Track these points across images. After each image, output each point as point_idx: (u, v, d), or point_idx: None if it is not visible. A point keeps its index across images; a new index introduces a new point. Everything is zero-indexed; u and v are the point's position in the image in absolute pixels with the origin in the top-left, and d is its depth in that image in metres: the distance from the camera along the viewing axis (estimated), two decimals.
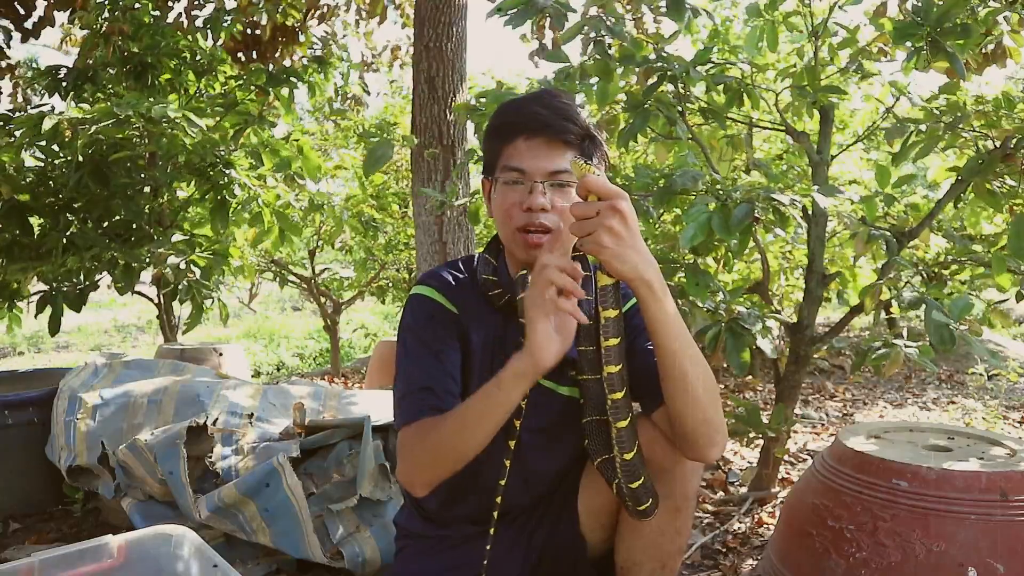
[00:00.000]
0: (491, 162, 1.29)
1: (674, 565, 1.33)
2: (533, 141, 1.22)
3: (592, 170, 1.05)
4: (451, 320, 1.30)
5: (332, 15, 5.80)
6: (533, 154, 1.22)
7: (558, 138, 1.22)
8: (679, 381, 1.12)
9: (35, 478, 2.46)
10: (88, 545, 1.24)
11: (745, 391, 4.55)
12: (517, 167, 1.23)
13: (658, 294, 1.06)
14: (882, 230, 2.07)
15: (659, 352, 1.12)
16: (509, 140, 1.24)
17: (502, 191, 1.25)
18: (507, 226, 1.25)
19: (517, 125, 1.24)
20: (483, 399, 1.14)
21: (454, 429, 1.16)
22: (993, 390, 4.45)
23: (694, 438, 1.17)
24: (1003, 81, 5.30)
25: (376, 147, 2.14)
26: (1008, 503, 1.42)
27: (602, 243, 1.02)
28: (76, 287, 3.29)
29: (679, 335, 1.10)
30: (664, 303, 1.07)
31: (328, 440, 2.06)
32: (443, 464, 1.19)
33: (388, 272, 5.96)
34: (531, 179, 1.22)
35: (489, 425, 1.14)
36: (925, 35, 1.87)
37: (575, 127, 1.23)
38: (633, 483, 1.16)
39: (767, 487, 2.44)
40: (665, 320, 1.08)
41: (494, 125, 1.29)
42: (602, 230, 1.01)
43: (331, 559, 1.86)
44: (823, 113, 2.26)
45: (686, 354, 1.11)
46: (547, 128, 1.22)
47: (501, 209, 1.25)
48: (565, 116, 1.23)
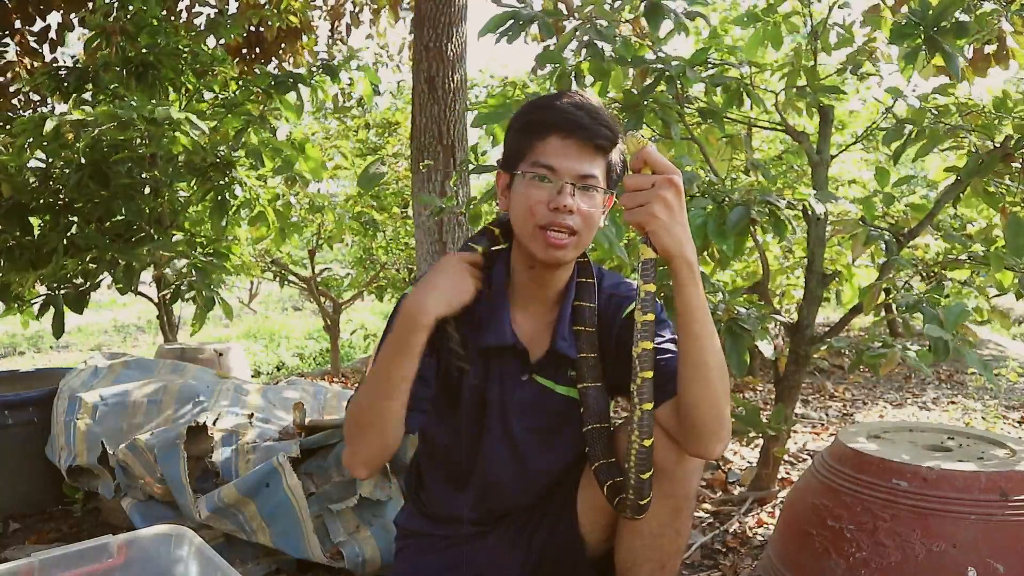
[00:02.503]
0: (515, 155, 1.27)
1: (674, 565, 1.34)
2: (567, 141, 1.21)
3: (648, 143, 1.06)
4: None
5: (339, 15, 5.80)
6: (566, 154, 1.21)
7: (592, 142, 1.21)
8: (700, 369, 1.12)
9: (35, 478, 2.46)
10: (88, 545, 1.24)
11: (745, 391, 4.55)
12: (548, 164, 1.21)
13: (696, 276, 1.08)
14: (881, 230, 2.07)
15: (684, 337, 1.12)
16: (542, 136, 1.22)
17: (528, 186, 1.23)
18: (528, 222, 1.23)
19: (553, 123, 1.22)
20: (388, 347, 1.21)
21: (365, 390, 1.23)
22: (993, 390, 4.45)
23: (702, 431, 1.17)
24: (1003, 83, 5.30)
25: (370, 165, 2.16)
26: (1008, 503, 1.42)
27: (655, 214, 1.04)
28: (77, 288, 3.29)
29: (706, 321, 1.12)
30: (699, 286, 1.09)
31: (328, 440, 2.06)
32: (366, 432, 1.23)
33: (388, 272, 5.96)
34: (561, 178, 1.21)
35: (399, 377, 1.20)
36: (923, 34, 1.87)
37: (609, 133, 1.23)
38: (644, 473, 1.15)
39: (767, 487, 2.44)
40: (697, 304, 1.10)
41: (526, 118, 1.27)
42: (657, 201, 1.04)
43: (331, 559, 1.86)
44: (823, 113, 2.26)
45: (710, 342, 1.12)
46: (583, 130, 1.21)
47: (524, 205, 1.23)
48: (600, 121, 1.22)
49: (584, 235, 1.24)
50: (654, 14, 2.04)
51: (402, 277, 5.96)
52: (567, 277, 1.35)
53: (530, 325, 1.35)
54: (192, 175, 3.39)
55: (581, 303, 1.34)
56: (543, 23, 2.08)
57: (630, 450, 1.14)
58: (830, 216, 2.16)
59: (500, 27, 2.07)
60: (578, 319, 1.33)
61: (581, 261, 1.37)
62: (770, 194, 1.83)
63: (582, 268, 1.37)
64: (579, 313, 1.33)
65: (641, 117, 2.10)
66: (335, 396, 2.48)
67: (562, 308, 1.34)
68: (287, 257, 6.18)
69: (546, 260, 1.25)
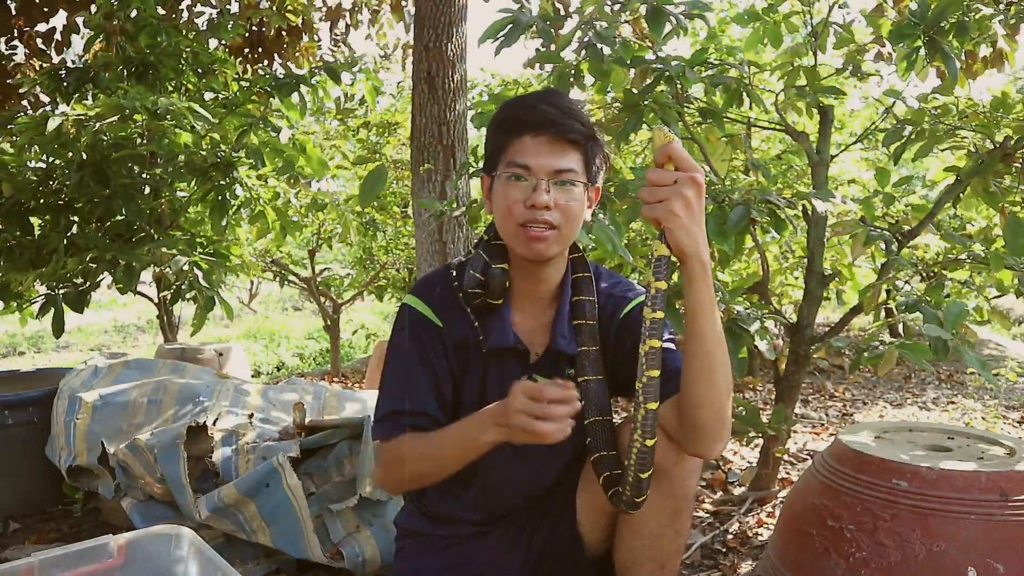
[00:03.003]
0: (493, 157, 1.29)
1: (673, 565, 1.34)
2: (539, 139, 1.22)
3: (674, 139, 1.06)
4: (435, 333, 1.31)
5: (338, 15, 5.80)
6: (538, 151, 1.22)
7: (563, 137, 1.22)
8: (705, 369, 1.12)
9: (35, 478, 2.46)
10: (88, 545, 1.24)
11: (745, 391, 4.55)
12: (522, 163, 1.23)
13: (708, 276, 1.08)
14: (881, 230, 2.07)
15: (692, 338, 1.12)
16: (514, 136, 1.24)
17: (505, 186, 1.24)
18: (508, 222, 1.25)
19: (523, 122, 1.23)
20: (457, 443, 1.21)
21: (426, 461, 1.25)
22: (993, 390, 4.45)
23: (703, 432, 1.16)
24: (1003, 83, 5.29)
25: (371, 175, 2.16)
26: (1008, 503, 1.42)
27: (675, 211, 1.03)
28: (77, 288, 3.29)
29: (715, 322, 1.11)
30: (710, 287, 1.09)
31: (328, 440, 2.06)
32: (414, 482, 1.32)
33: (388, 272, 5.96)
34: (535, 176, 1.22)
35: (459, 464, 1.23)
36: (922, 34, 1.87)
37: (581, 127, 1.23)
38: (644, 473, 1.14)
39: (767, 487, 2.44)
40: (707, 303, 1.09)
41: (499, 120, 1.29)
42: (677, 198, 1.02)
43: (331, 559, 1.86)
44: (823, 113, 2.26)
45: (718, 343, 1.12)
46: (554, 126, 1.22)
47: (503, 205, 1.25)
48: (572, 115, 1.23)
49: (565, 228, 1.24)
50: (656, 18, 2.03)
51: (402, 277, 5.96)
52: (561, 274, 1.35)
53: (528, 324, 1.35)
54: (193, 175, 3.39)
55: (580, 297, 1.34)
56: (542, 28, 2.08)
57: (631, 449, 1.13)
58: (830, 216, 2.17)
59: (500, 32, 2.07)
60: (578, 314, 1.33)
61: (576, 257, 1.38)
62: (770, 193, 1.83)
63: (577, 264, 1.37)
64: (579, 307, 1.33)
65: (641, 117, 2.10)
66: (335, 396, 2.48)
67: (559, 306, 1.34)
68: (287, 257, 6.18)
69: (529, 256, 1.26)
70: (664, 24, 2.04)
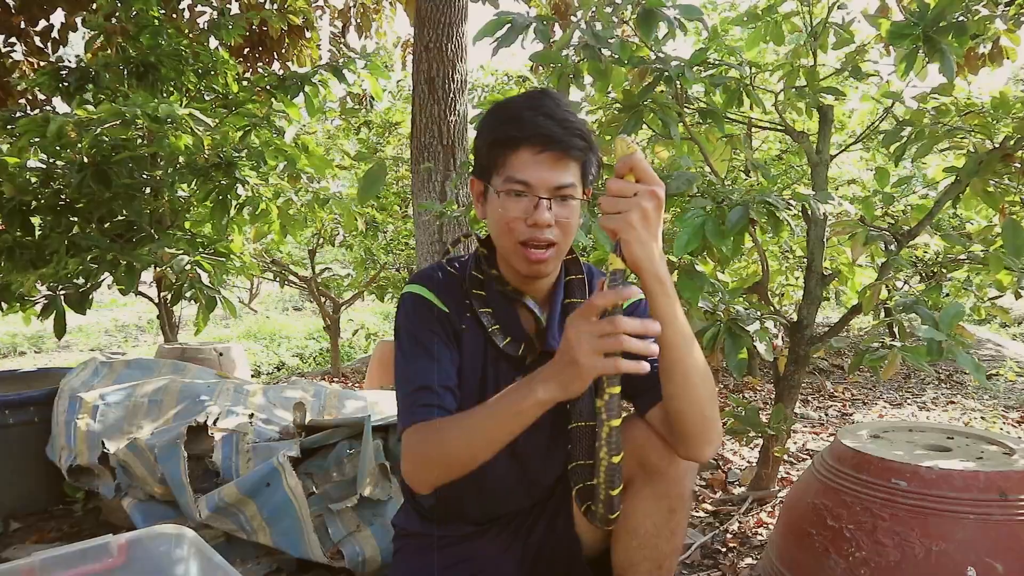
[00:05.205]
0: (488, 167, 1.25)
1: (670, 565, 1.34)
2: (540, 156, 1.19)
3: (636, 150, 1.05)
4: (442, 318, 1.31)
5: (346, 18, 5.80)
6: (538, 168, 1.19)
7: (566, 154, 1.20)
8: (681, 379, 1.12)
9: (36, 478, 2.46)
10: (89, 545, 1.24)
11: (745, 391, 4.55)
12: (523, 180, 1.19)
13: (668, 290, 1.07)
14: (881, 230, 2.07)
15: (664, 349, 1.10)
16: (513, 150, 1.20)
17: (504, 202, 1.21)
18: (508, 238, 1.23)
19: (523, 137, 1.20)
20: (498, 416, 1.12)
21: (462, 440, 1.16)
22: (992, 390, 4.45)
23: (691, 436, 1.17)
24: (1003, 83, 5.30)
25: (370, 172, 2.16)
26: (1007, 503, 1.43)
27: (632, 223, 1.02)
28: (78, 289, 3.30)
29: (685, 333, 1.11)
30: (673, 300, 1.08)
31: (328, 440, 2.07)
32: (449, 469, 1.19)
33: (388, 272, 5.96)
34: (536, 193, 1.19)
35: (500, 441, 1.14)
36: (920, 34, 1.87)
37: (581, 142, 1.21)
38: (613, 489, 1.14)
39: (766, 487, 2.44)
40: (669, 315, 1.08)
41: (495, 135, 1.23)
42: (636, 211, 1.02)
43: (331, 559, 1.86)
44: (822, 113, 2.26)
45: (690, 352, 1.12)
46: (555, 144, 1.18)
47: (503, 221, 1.22)
48: (572, 131, 1.19)
49: (563, 243, 1.24)
50: (646, 21, 2.04)
51: (402, 277, 5.96)
52: (554, 277, 1.35)
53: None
54: (194, 175, 3.39)
55: (572, 300, 1.34)
56: (539, 30, 2.08)
57: (599, 467, 1.12)
58: (830, 216, 2.17)
59: (496, 31, 2.07)
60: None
61: (569, 259, 1.38)
62: (769, 194, 1.83)
63: (570, 266, 1.37)
64: (571, 310, 1.33)
65: (641, 117, 2.10)
66: (336, 395, 2.48)
67: (552, 309, 1.34)
68: (287, 257, 6.18)
69: (529, 274, 1.26)
70: (654, 26, 2.05)
